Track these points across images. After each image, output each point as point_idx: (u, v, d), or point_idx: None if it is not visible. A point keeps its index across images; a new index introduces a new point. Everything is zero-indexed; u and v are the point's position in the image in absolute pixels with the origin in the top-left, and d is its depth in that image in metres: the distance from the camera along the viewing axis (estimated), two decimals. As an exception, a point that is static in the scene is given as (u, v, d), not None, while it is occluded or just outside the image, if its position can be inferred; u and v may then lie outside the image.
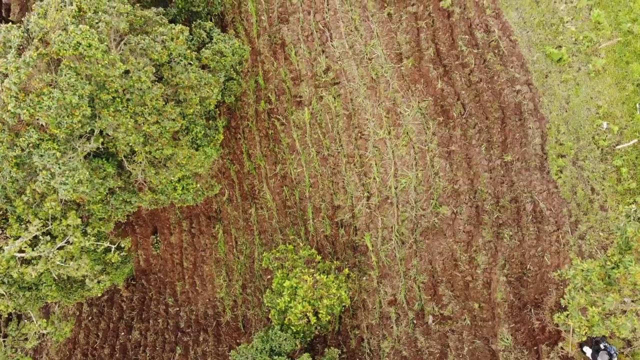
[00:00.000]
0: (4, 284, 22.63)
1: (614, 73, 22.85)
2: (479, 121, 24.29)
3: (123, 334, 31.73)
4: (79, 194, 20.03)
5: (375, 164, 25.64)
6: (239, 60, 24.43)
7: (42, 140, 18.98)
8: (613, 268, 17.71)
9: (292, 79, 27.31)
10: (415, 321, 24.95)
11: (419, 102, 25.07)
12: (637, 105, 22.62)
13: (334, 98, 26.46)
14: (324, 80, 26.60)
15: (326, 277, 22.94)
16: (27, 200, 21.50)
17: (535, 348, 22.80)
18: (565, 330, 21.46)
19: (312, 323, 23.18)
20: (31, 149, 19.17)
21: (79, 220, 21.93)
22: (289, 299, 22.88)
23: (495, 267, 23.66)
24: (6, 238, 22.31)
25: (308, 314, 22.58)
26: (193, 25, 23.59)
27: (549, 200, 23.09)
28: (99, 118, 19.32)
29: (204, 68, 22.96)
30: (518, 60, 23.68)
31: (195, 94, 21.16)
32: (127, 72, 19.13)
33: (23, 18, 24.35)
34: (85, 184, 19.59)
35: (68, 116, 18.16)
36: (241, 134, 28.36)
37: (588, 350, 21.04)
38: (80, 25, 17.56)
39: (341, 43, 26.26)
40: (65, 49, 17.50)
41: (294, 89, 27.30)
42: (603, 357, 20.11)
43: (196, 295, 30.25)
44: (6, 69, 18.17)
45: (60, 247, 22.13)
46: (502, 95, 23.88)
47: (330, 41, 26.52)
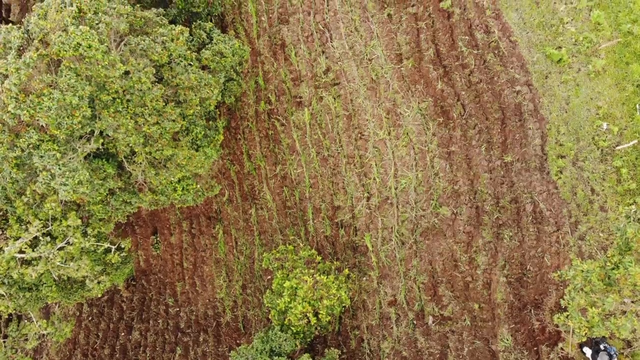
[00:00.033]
0: (4, 285, 22.63)
1: (614, 74, 22.85)
2: (479, 122, 24.30)
3: (123, 334, 31.74)
4: (79, 194, 20.03)
5: (375, 165, 25.64)
6: (239, 60, 24.44)
7: (42, 141, 18.97)
8: (613, 269, 17.71)
9: (292, 79, 27.31)
10: (415, 322, 24.96)
11: (419, 103, 25.07)
12: (637, 106, 22.62)
13: (334, 99, 26.46)
14: (324, 80, 26.60)
15: (326, 278, 22.94)
16: (28, 201, 21.51)
17: (535, 349, 22.80)
18: (565, 331, 21.47)
19: (312, 323, 23.17)
20: (31, 150, 19.17)
21: (79, 221, 21.92)
22: (289, 299, 22.88)
23: (495, 268, 23.66)
24: (6, 239, 22.30)
25: (308, 314, 22.58)
26: (193, 26, 23.59)
27: (549, 201, 23.09)
28: (99, 119, 19.33)
29: (204, 69, 22.97)
30: (518, 61, 23.68)
31: (196, 95, 21.16)
32: (127, 73, 19.14)
33: (23, 19, 24.39)
34: (85, 185, 19.59)
35: (68, 117, 18.17)
36: (241, 134, 28.37)
37: (588, 351, 21.04)
38: (81, 26, 17.56)
39: (341, 44, 26.26)
40: (65, 50, 17.51)
41: (294, 90, 27.30)
42: (603, 358, 20.10)
43: (196, 295, 30.26)
44: (6, 69, 18.17)
45: (61, 248, 22.13)
46: (502, 96, 23.89)
47: (330, 42, 26.52)
